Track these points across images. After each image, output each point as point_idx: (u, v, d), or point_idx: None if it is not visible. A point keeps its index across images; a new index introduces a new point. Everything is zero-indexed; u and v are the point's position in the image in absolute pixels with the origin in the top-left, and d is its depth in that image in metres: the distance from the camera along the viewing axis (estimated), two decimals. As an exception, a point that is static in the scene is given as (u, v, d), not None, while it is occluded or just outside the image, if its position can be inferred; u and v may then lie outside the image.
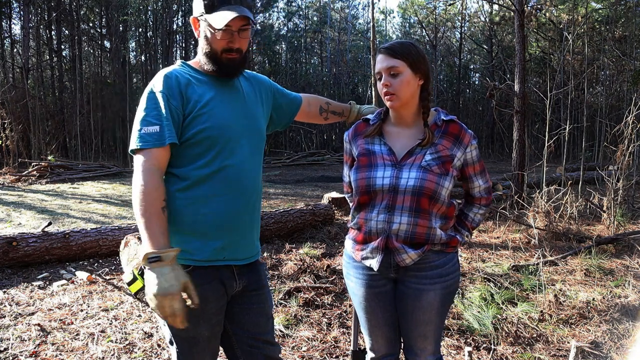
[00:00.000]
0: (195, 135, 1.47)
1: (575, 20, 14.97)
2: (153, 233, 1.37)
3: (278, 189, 10.87)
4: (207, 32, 1.51)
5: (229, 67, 1.54)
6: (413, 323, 1.69)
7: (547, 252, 4.82)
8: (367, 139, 1.72)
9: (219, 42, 1.50)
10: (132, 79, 23.18)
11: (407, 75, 1.60)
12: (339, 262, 4.54)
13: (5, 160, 13.63)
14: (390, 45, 1.63)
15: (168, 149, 1.44)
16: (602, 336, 3.01)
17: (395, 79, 1.60)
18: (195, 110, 1.47)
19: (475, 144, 1.68)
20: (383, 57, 1.62)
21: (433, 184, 1.58)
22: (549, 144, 6.28)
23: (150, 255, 1.34)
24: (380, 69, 1.63)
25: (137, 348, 2.85)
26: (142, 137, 1.43)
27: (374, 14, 6.99)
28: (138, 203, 1.39)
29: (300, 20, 29.81)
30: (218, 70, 1.54)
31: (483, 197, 1.75)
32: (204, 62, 1.54)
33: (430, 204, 1.59)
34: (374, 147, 1.70)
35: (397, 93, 1.61)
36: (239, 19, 1.47)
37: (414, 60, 1.61)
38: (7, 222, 6.58)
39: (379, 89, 1.66)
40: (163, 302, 1.32)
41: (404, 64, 1.60)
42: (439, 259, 1.65)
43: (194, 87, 1.51)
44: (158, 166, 1.43)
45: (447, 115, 1.70)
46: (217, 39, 1.50)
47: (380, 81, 1.64)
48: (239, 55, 1.54)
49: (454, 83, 27.52)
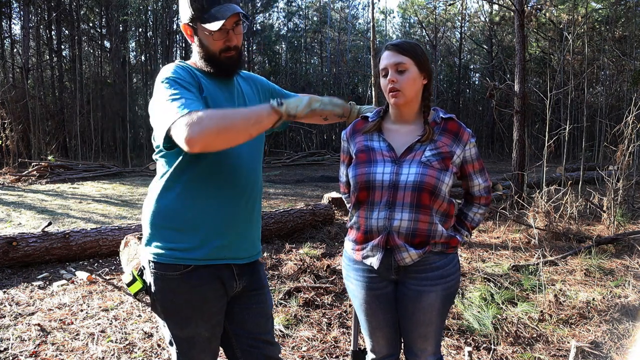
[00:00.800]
0: None
1: (575, 20, 14.96)
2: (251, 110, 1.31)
3: (278, 189, 10.86)
4: (202, 36, 1.49)
5: (228, 66, 1.53)
6: (413, 324, 1.69)
7: (547, 252, 4.82)
8: (366, 136, 1.72)
9: (215, 43, 1.49)
10: (132, 79, 23.20)
11: (414, 73, 1.61)
12: (339, 262, 4.54)
13: (5, 160, 13.64)
14: (398, 42, 1.64)
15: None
16: (602, 336, 3.01)
17: (402, 76, 1.61)
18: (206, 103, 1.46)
19: (473, 142, 1.69)
20: (390, 53, 1.62)
21: (433, 179, 1.57)
22: (549, 144, 6.28)
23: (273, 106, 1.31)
24: (387, 64, 1.62)
25: (137, 348, 2.84)
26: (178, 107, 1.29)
27: (374, 14, 7.00)
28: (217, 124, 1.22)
29: (300, 20, 29.83)
30: (217, 71, 1.53)
31: (482, 196, 1.75)
32: (202, 65, 1.53)
33: (431, 199, 1.59)
34: (372, 144, 1.69)
35: (403, 90, 1.61)
36: (232, 16, 1.45)
37: (420, 59, 1.62)
38: (7, 222, 6.58)
39: (383, 85, 1.66)
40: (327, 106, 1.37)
41: (411, 61, 1.61)
42: (440, 260, 1.65)
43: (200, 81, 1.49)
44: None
45: (445, 114, 1.70)
46: (214, 40, 1.48)
47: (386, 77, 1.64)
48: (236, 52, 1.53)
49: (454, 83, 27.52)
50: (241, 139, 1.29)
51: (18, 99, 15.74)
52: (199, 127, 1.21)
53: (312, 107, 1.36)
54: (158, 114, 1.34)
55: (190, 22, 1.49)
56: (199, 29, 1.48)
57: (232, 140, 1.28)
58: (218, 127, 1.23)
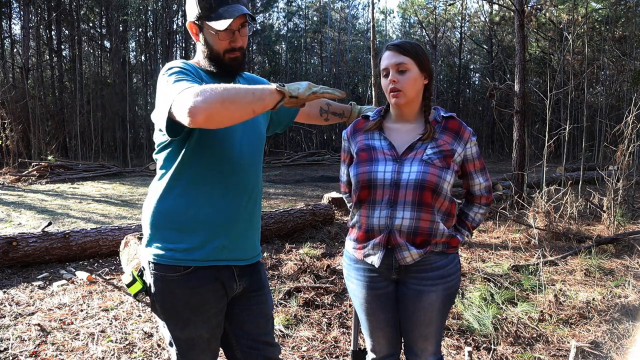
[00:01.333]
0: (196, 134, 1.46)
1: (575, 20, 14.96)
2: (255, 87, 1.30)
3: (278, 189, 10.86)
4: (207, 35, 1.49)
5: (232, 67, 1.53)
6: (414, 324, 1.69)
7: (547, 252, 4.82)
8: (367, 135, 1.72)
9: (220, 43, 1.49)
10: (132, 79, 23.21)
11: (415, 73, 1.62)
12: (339, 262, 4.54)
13: (5, 160, 13.63)
14: (400, 43, 1.64)
15: None
16: (602, 336, 3.01)
17: (403, 76, 1.61)
18: None
19: (474, 140, 1.69)
20: (391, 53, 1.63)
21: (435, 177, 1.57)
22: (549, 144, 6.28)
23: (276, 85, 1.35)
24: (388, 65, 1.63)
25: (137, 348, 2.84)
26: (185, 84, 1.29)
27: (374, 14, 6.99)
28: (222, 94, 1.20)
29: (300, 20, 29.83)
30: (220, 71, 1.53)
31: (483, 195, 1.75)
32: (205, 64, 1.53)
33: (433, 197, 1.59)
34: (374, 142, 1.69)
35: (404, 90, 1.61)
36: (239, 17, 1.45)
37: (421, 59, 1.63)
38: (7, 222, 6.58)
39: (384, 85, 1.66)
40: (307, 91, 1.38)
41: (412, 61, 1.61)
42: (440, 260, 1.65)
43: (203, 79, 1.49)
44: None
45: (446, 112, 1.71)
46: (219, 40, 1.48)
47: (387, 78, 1.64)
48: (240, 53, 1.53)
49: (454, 83, 27.53)
50: (245, 114, 1.27)
51: (18, 99, 15.74)
52: (202, 96, 1.19)
53: (312, 89, 1.40)
54: (160, 98, 1.34)
55: (197, 21, 1.49)
56: (205, 28, 1.48)
57: (235, 113, 1.24)
58: (222, 97, 1.20)
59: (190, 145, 1.46)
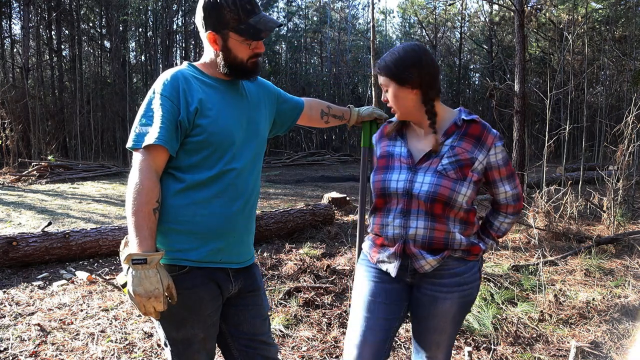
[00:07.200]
0: (198, 138, 1.46)
1: (575, 20, 14.97)
2: (142, 234, 1.35)
3: (278, 189, 10.86)
4: (233, 45, 1.50)
5: (252, 71, 1.56)
6: (426, 330, 1.64)
7: (547, 252, 4.82)
8: (390, 141, 1.70)
9: (247, 51, 1.51)
10: (132, 79, 23.20)
11: (394, 90, 1.58)
12: (339, 262, 4.54)
13: (5, 160, 13.62)
14: (379, 61, 1.61)
15: (166, 150, 1.42)
16: (602, 336, 3.01)
17: (388, 94, 1.61)
18: (199, 114, 1.45)
19: (500, 145, 1.58)
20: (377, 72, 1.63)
21: (447, 190, 1.51)
22: (549, 144, 6.28)
23: (135, 257, 1.33)
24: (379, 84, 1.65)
25: (137, 348, 2.84)
26: (137, 136, 1.43)
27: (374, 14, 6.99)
28: (131, 201, 1.38)
29: (300, 20, 29.83)
30: (239, 75, 1.56)
31: (510, 204, 1.65)
32: (220, 70, 1.54)
33: (445, 209, 1.54)
34: (394, 149, 1.66)
35: (393, 106, 1.61)
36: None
37: (397, 74, 1.55)
38: (7, 222, 6.58)
39: None
40: (146, 303, 1.35)
41: (388, 79, 1.58)
42: (459, 267, 1.59)
43: (199, 90, 1.48)
44: (155, 166, 1.41)
45: (468, 115, 1.61)
46: (249, 49, 1.51)
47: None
48: (259, 57, 1.57)
49: (454, 83, 27.52)
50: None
51: (18, 99, 15.72)
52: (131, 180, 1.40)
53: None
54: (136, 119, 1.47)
55: (221, 31, 1.49)
56: (230, 38, 1.49)
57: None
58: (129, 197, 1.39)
59: (188, 148, 1.47)
